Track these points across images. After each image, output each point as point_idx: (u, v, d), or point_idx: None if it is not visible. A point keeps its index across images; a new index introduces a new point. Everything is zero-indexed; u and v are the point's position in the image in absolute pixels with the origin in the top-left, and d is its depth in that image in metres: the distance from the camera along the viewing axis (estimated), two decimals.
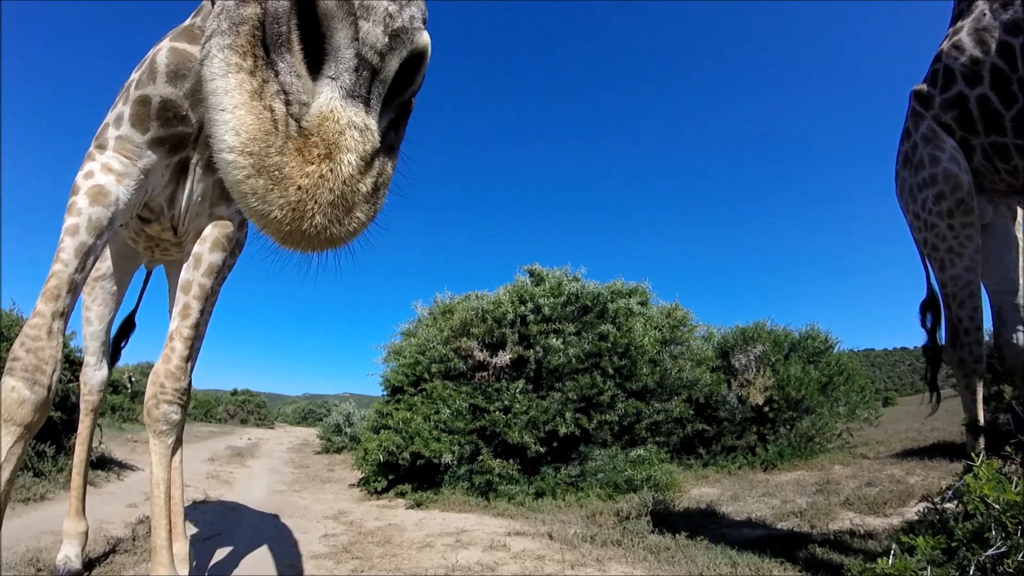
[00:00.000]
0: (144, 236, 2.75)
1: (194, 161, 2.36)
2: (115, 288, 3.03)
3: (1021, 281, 3.25)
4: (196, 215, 2.47)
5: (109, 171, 2.12)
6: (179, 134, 2.25)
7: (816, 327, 9.54)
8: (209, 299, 2.50)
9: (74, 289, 1.99)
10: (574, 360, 6.78)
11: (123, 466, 6.93)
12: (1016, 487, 1.90)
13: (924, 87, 3.35)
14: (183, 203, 2.43)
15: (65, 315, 1.96)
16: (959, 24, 3.14)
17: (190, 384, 2.51)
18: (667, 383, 7.71)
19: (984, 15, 2.97)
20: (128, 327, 3.60)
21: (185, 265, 2.47)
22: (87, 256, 2.02)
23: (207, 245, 2.45)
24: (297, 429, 24.85)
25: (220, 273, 2.51)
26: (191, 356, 2.42)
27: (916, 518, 2.54)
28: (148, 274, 3.58)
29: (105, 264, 2.96)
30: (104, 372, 3.10)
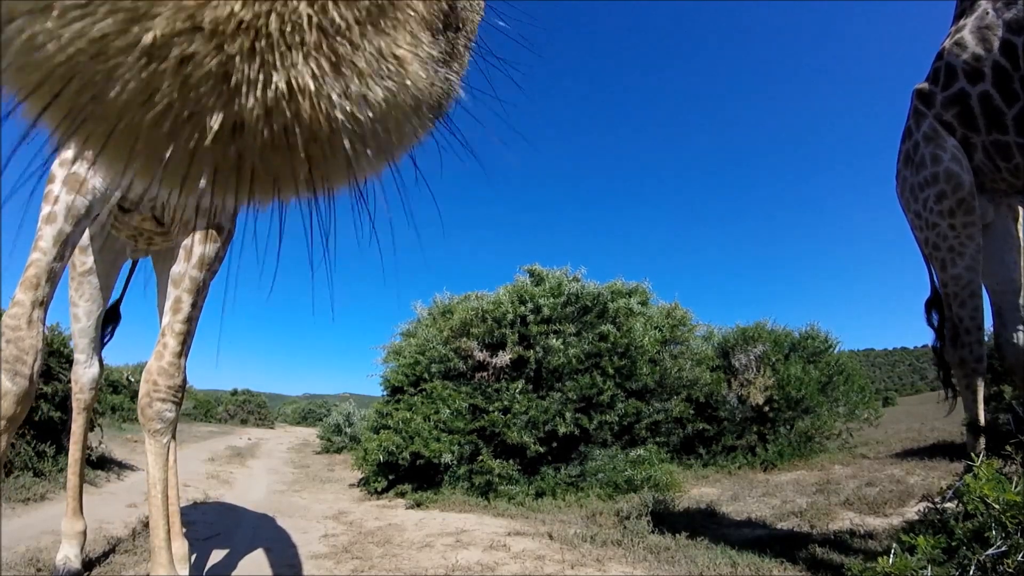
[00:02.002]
0: (126, 226, 2.69)
1: None
2: (102, 283, 2.97)
3: (1022, 281, 3.24)
4: (183, 206, 2.42)
5: (85, 159, 2.09)
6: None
7: (816, 327, 9.54)
8: (200, 292, 2.44)
9: (53, 278, 1.95)
10: (574, 360, 6.78)
11: (123, 466, 6.92)
12: (1016, 487, 1.90)
13: (926, 86, 3.35)
14: (164, 193, 2.38)
15: (45, 304, 1.92)
16: (961, 22, 3.14)
17: (185, 381, 2.47)
18: (667, 383, 7.71)
19: (987, 13, 2.97)
20: (112, 318, 3.47)
21: (176, 258, 2.42)
22: (65, 245, 1.99)
23: (197, 237, 2.39)
24: (297, 429, 24.84)
25: (212, 265, 2.45)
26: (185, 352, 2.37)
27: (916, 518, 2.54)
28: (134, 264, 3.49)
29: (91, 258, 2.90)
30: (95, 369, 3.05)
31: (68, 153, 2.11)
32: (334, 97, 0.28)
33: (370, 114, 0.30)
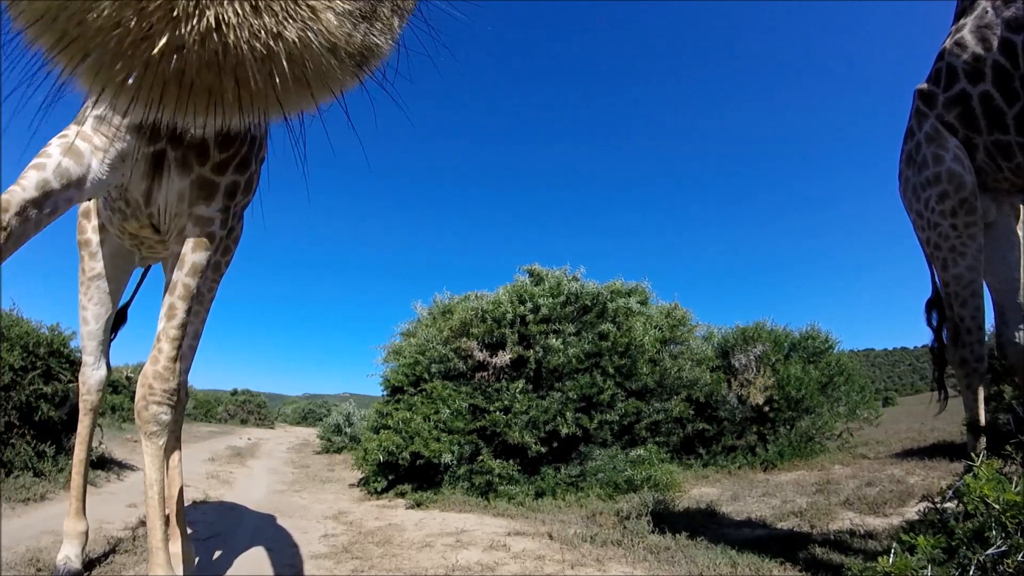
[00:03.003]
0: (127, 234, 2.75)
1: (169, 157, 2.36)
2: (111, 287, 3.01)
3: (1023, 280, 3.24)
4: (176, 215, 2.46)
5: (85, 139, 2.10)
6: (153, 122, 2.20)
7: (816, 327, 9.54)
8: (196, 299, 2.47)
9: (23, 214, 1.86)
10: (574, 360, 6.78)
11: (123, 466, 6.92)
12: (1016, 487, 1.90)
13: (927, 86, 3.34)
14: (160, 202, 2.43)
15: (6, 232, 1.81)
16: (962, 22, 3.14)
17: (181, 384, 2.48)
18: (667, 383, 7.70)
19: (987, 12, 2.97)
20: (119, 320, 3.51)
21: (171, 266, 2.46)
22: (47, 196, 1.94)
23: (190, 245, 2.43)
24: (297, 429, 24.83)
25: (206, 272, 2.48)
26: (179, 356, 2.40)
27: (916, 518, 2.54)
28: (145, 271, 3.56)
29: (99, 264, 2.95)
30: (102, 372, 3.08)
31: (65, 132, 2.10)
32: (253, 30, 0.37)
33: (285, 47, 0.38)
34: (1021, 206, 3.33)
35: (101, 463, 6.51)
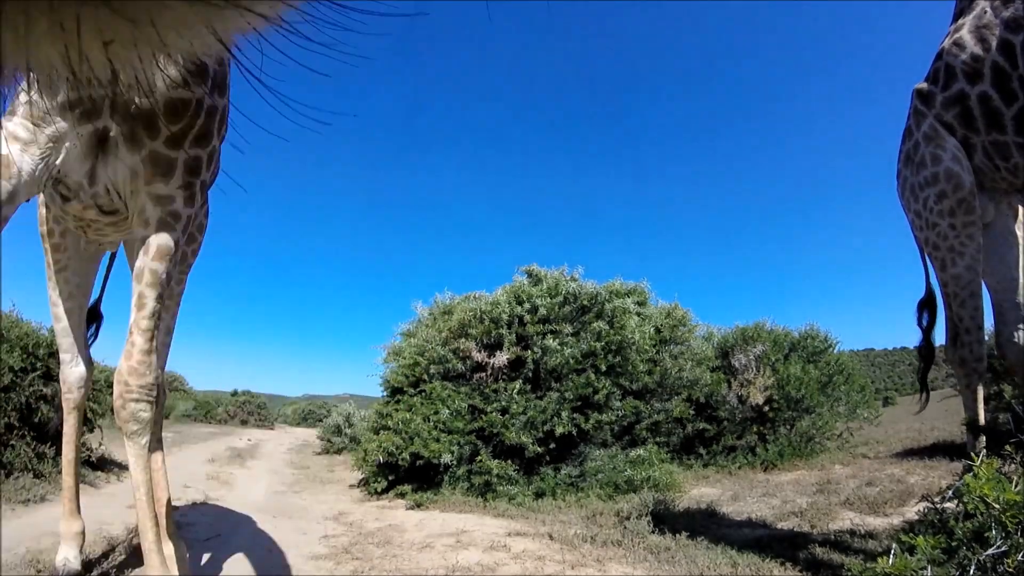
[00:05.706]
0: (71, 216, 2.57)
1: (113, 133, 2.17)
2: (79, 280, 2.89)
3: (1022, 279, 3.24)
4: (132, 194, 2.28)
5: (15, 139, 1.98)
6: (90, 96, 2.02)
7: (816, 327, 9.54)
8: (167, 286, 2.31)
9: None
10: (571, 360, 6.77)
11: (123, 467, 6.91)
12: (1016, 487, 1.89)
13: (926, 85, 3.35)
14: (106, 181, 2.25)
15: None
16: (960, 22, 3.14)
17: (159, 378, 2.35)
18: (667, 383, 7.71)
19: (985, 12, 2.97)
20: (92, 318, 3.32)
21: (136, 251, 2.30)
22: None
23: (152, 228, 2.26)
24: (297, 430, 24.80)
25: (174, 256, 2.32)
26: (153, 349, 2.27)
27: (916, 518, 2.54)
28: (112, 258, 3.33)
29: (63, 255, 2.82)
30: (81, 369, 2.97)
31: None
32: None
33: None
34: (1019, 206, 3.33)
35: (101, 464, 6.51)
